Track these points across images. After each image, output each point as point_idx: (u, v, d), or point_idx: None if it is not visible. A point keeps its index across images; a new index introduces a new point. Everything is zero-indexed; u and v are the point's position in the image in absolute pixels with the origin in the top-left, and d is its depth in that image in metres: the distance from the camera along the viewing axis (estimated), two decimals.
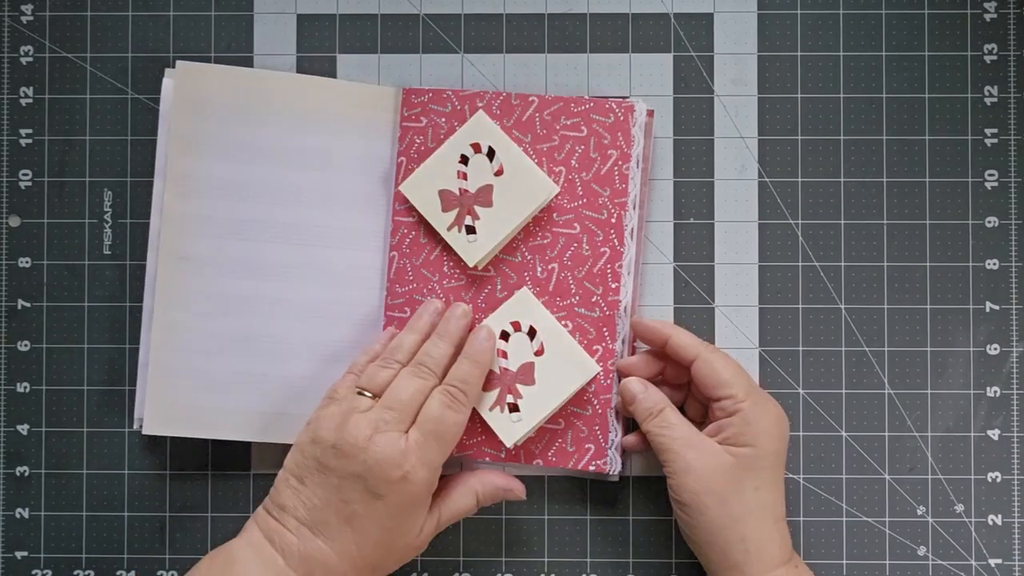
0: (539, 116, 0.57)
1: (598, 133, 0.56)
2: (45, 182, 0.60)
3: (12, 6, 0.60)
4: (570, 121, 0.57)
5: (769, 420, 0.53)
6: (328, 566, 0.50)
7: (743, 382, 0.53)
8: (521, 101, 0.57)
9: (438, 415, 0.51)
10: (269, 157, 0.58)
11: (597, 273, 0.56)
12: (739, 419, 0.53)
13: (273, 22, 0.60)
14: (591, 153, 0.57)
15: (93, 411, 0.59)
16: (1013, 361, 0.59)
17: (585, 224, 0.56)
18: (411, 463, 0.50)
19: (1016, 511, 0.58)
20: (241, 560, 0.50)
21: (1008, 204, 0.59)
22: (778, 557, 0.52)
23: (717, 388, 0.53)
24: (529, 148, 0.57)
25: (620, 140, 0.56)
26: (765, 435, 0.53)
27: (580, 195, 0.57)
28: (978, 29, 0.59)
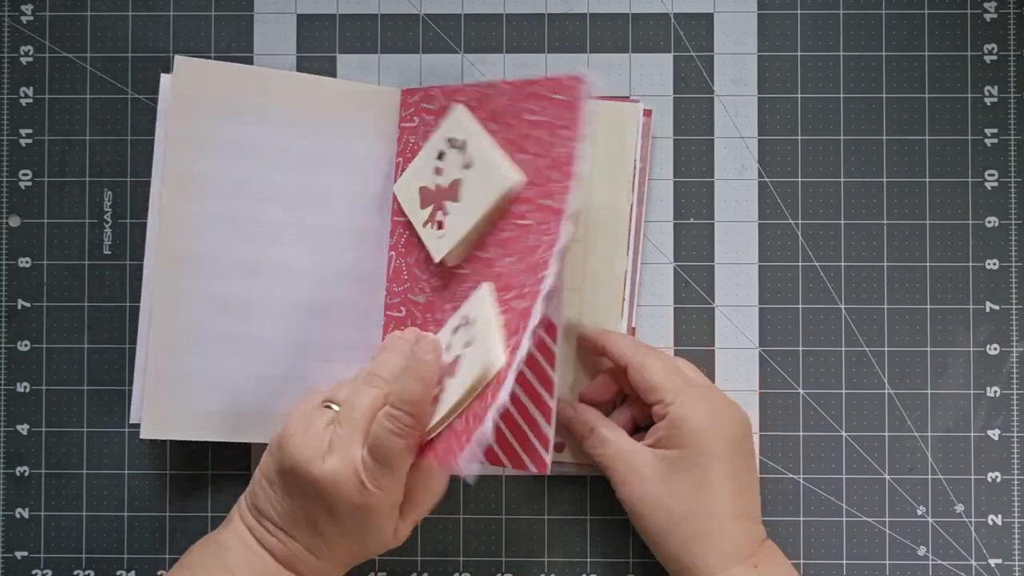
0: (508, 103, 0.54)
1: (553, 113, 0.52)
2: (45, 182, 0.60)
3: (12, 6, 0.60)
4: (531, 104, 0.53)
5: (698, 419, 0.52)
6: (309, 564, 0.50)
7: (672, 385, 0.53)
8: (494, 90, 0.54)
9: (384, 442, 0.48)
10: (268, 156, 0.57)
11: (535, 263, 0.50)
12: (666, 422, 0.52)
13: (273, 22, 0.60)
14: (548, 136, 0.52)
15: (93, 411, 0.59)
16: (1013, 361, 0.59)
17: (537, 214, 0.52)
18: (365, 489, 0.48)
19: (1016, 511, 0.58)
20: (232, 549, 0.50)
21: (1008, 204, 0.59)
22: (733, 555, 0.51)
23: (647, 394, 0.53)
24: (501, 138, 0.54)
25: (571, 118, 0.51)
26: (694, 435, 0.52)
27: (537, 183, 0.52)
28: (978, 29, 0.59)
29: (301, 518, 0.50)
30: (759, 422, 0.58)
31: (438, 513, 0.59)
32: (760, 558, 0.52)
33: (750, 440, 0.54)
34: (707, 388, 0.55)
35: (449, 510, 0.59)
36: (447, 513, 0.59)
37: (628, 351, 0.55)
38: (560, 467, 0.58)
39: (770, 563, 0.52)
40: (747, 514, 0.53)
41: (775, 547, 0.54)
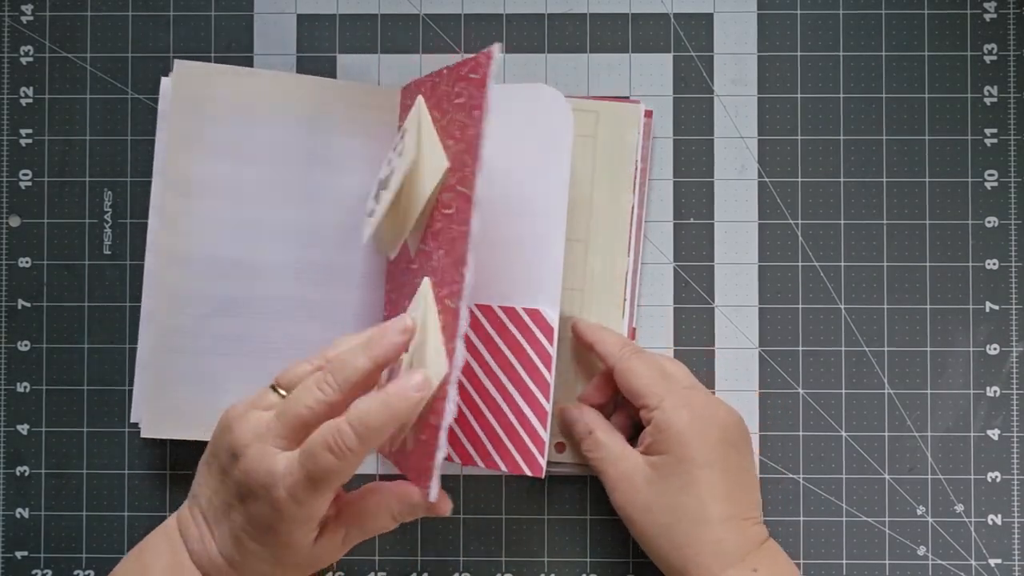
0: (445, 88, 0.52)
1: (471, 95, 0.48)
2: (45, 182, 0.60)
3: (12, 6, 0.60)
4: (457, 88, 0.50)
5: (682, 424, 0.51)
6: (215, 562, 0.47)
7: (656, 389, 0.53)
8: (439, 77, 0.53)
9: (313, 452, 0.43)
10: (268, 157, 0.57)
11: (458, 258, 0.47)
12: (652, 427, 0.52)
13: (273, 22, 0.60)
14: (466, 119, 0.48)
15: (93, 411, 0.59)
16: (1013, 361, 0.59)
17: (458, 202, 0.48)
18: (280, 492, 0.44)
19: (1016, 511, 0.58)
20: (151, 547, 0.48)
21: (1008, 204, 0.59)
22: (727, 558, 0.51)
23: (633, 398, 0.54)
24: (438, 126, 0.52)
25: (479, 97, 0.47)
26: (678, 440, 0.51)
27: (457, 169, 0.49)
28: (978, 29, 0.59)
29: (219, 504, 0.46)
30: (759, 422, 0.58)
31: None
32: (760, 560, 0.51)
33: (745, 440, 0.54)
34: (693, 392, 0.54)
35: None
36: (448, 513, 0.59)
37: (615, 353, 0.55)
38: (560, 467, 0.58)
39: (770, 565, 0.52)
40: (740, 515, 0.52)
41: (776, 548, 0.53)
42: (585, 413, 0.56)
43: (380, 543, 0.59)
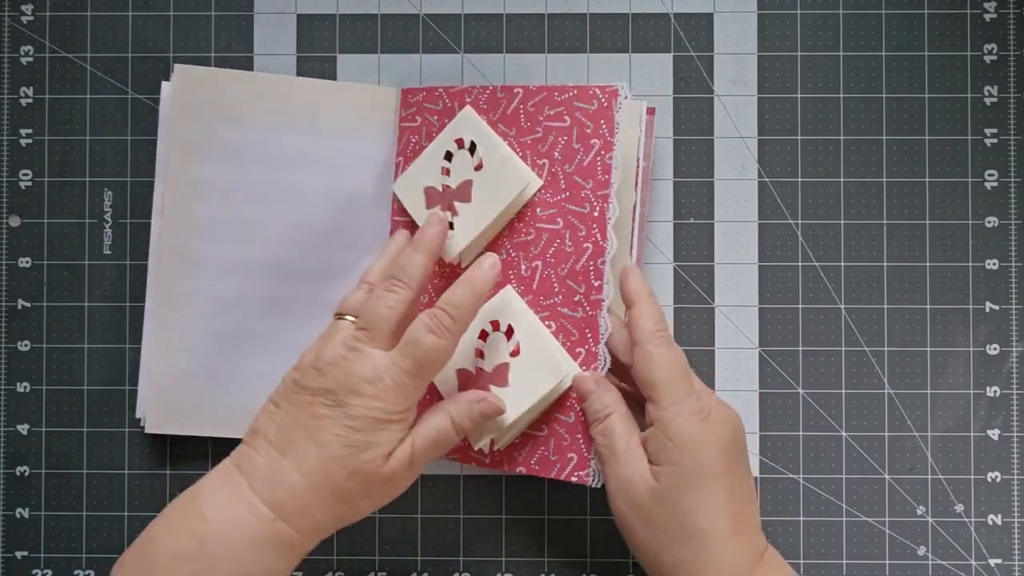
0: (523, 108, 0.55)
1: (581, 122, 0.53)
2: (45, 182, 0.60)
3: (12, 6, 0.60)
4: (553, 111, 0.54)
5: (695, 433, 0.48)
6: (290, 486, 0.47)
7: (674, 389, 0.49)
8: (507, 94, 0.55)
9: (416, 338, 0.48)
10: (269, 159, 0.58)
11: (580, 270, 0.53)
12: (658, 431, 0.49)
13: (273, 22, 0.60)
14: (574, 143, 0.53)
15: (93, 411, 0.59)
16: (1013, 361, 0.59)
17: (568, 219, 0.53)
18: (386, 382, 0.47)
19: (1016, 511, 0.58)
20: (206, 489, 0.48)
21: (1008, 204, 0.59)
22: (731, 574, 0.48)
23: (645, 387, 0.50)
24: (514, 142, 0.55)
25: (603, 128, 0.53)
26: (687, 450, 0.48)
27: (563, 188, 0.53)
28: (978, 29, 0.59)
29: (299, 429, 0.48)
30: (759, 422, 0.58)
31: (438, 513, 0.59)
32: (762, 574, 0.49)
33: (743, 442, 0.51)
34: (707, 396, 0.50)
35: (449, 510, 0.59)
36: (447, 513, 0.59)
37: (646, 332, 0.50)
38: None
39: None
40: (745, 528, 0.49)
41: (776, 557, 0.51)
42: (606, 390, 0.51)
43: (380, 543, 0.59)
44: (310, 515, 0.47)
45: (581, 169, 0.53)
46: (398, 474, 0.48)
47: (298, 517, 0.47)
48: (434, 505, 0.59)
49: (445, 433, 0.50)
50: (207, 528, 0.46)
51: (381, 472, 0.48)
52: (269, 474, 0.47)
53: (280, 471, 0.47)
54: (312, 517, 0.48)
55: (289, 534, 0.47)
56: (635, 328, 0.51)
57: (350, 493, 0.48)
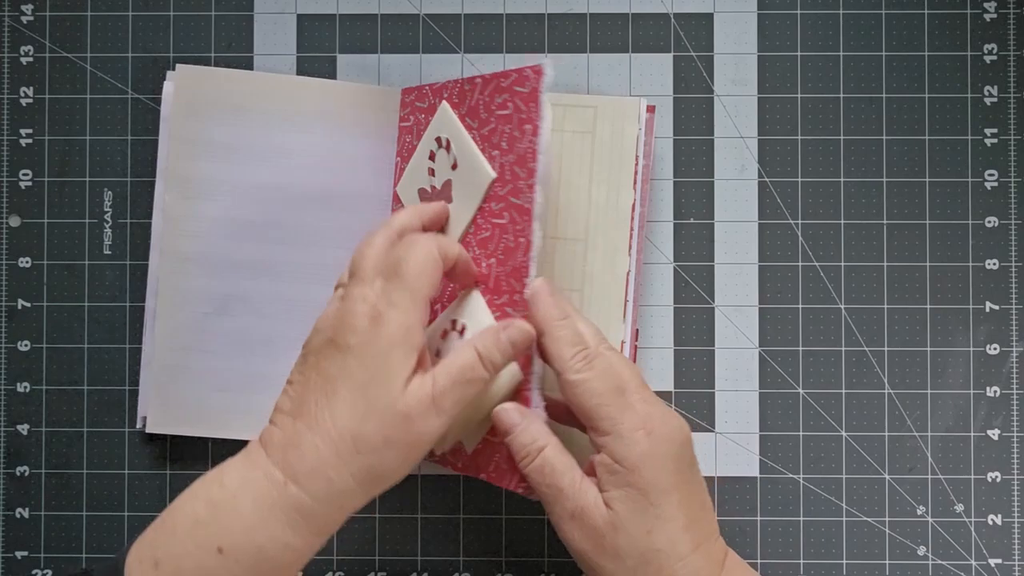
0: (482, 98, 0.52)
1: (519, 107, 0.50)
2: (45, 182, 0.60)
3: (12, 6, 0.60)
4: (501, 99, 0.51)
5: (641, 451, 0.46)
6: (302, 446, 0.44)
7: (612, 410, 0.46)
8: (471, 86, 0.53)
9: (400, 255, 0.46)
10: (269, 159, 0.58)
11: (518, 267, 0.49)
12: (603, 459, 0.46)
13: (273, 22, 0.60)
14: (515, 131, 0.50)
15: (93, 411, 0.59)
16: (1013, 361, 0.59)
17: (511, 212, 0.50)
18: (376, 308, 0.45)
19: (1016, 511, 0.58)
20: (230, 462, 0.46)
21: (1008, 204, 0.59)
22: None
23: (580, 415, 0.47)
24: (476, 135, 0.53)
25: (533, 111, 0.49)
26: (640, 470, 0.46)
27: (508, 180, 0.50)
28: (978, 29, 0.59)
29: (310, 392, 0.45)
30: (759, 422, 0.58)
31: (438, 513, 0.59)
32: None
33: (691, 449, 0.48)
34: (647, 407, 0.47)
35: (449, 510, 0.59)
36: (447, 513, 0.59)
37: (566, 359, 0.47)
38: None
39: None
40: (705, 536, 0.47)
41: (739, 561, 0.50)
42: (531, 420, 0.48)
43: (380, 543, 0.59)
44: (323, 475, 0.44)
45: (519, 158, 0.50)
46: (418, 412, 0.44)
47: (310, 479, 0.44)
48: (434, 505, 0.59)
49: (471, 368, 0.46)
50: (223, 493, 0.45)
51: (396, 408, 0.44)
52: (284, 440, 0.45)
53: (294, 434, 0.45)
54: (326, 478, 0.44)
55: (302, 500, 0.44)
56: (551, 360, 0.48)
57: (367, 442, 0.44)
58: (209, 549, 0.44)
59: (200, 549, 0.44)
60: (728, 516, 0.58)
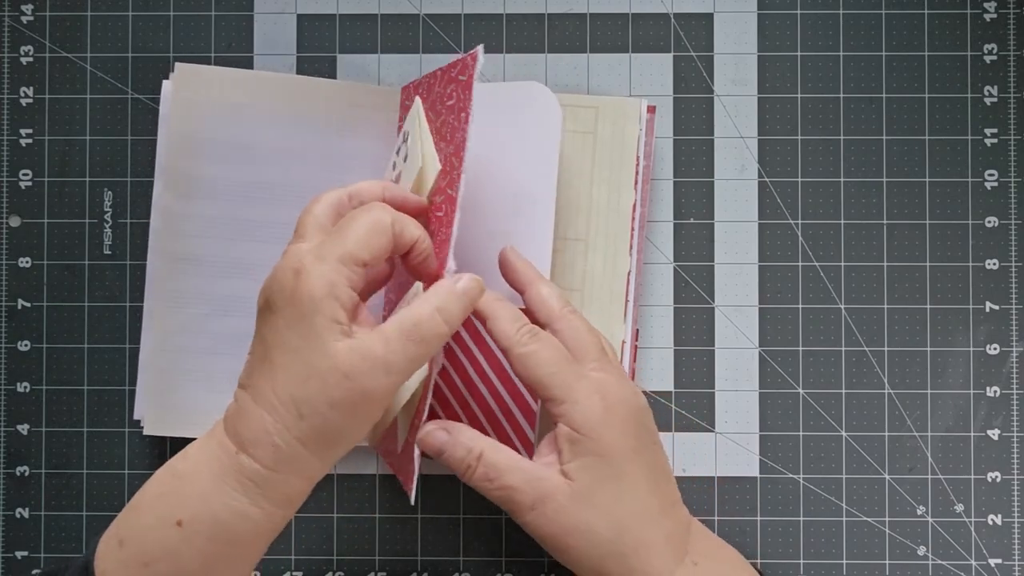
0: (439, 91, 0.52)
1: (459, 95, 0.49)
2: (45, 182, 0.60)
3: (12, 6, 0.60)
4: (448, 89, 0.50)
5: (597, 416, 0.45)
6: (248, 413, 0.43)
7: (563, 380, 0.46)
8: (433, 79, 0.53)
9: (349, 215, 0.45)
10: (269, 158, 0.58)
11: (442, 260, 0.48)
12: (563, 430, 0.46)
13: (273, 22, 0.60)
14: (455, 121, 0.49)
15: (93, 411, 0.59)
16: (1013, 361, 0.59)
17: (448, 204, 0.48)
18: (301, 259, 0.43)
19: (1016, 511, 0.58)
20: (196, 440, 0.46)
21: (1008, 204, 0.59)
22: (669, 559, 0.46)
23: (537, 389, 0.47)
24: (433, 128, 0.52)
25: (465, 98, 0.48)
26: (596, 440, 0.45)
27: (447, 171, 0.49)
28: (978, 29, 0.59)
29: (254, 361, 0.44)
30: (759, 422, 0.58)
31: (438, 513, 0.59)
32: (695, 550, 0.48)
33: (650, 418, 0.48)
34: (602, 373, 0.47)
35: (449, 510, 0.59)
36: (447, 513, 0.59)
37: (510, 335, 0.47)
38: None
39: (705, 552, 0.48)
40: (669, 501, 0.47)
41: (702, 529, 0.50)
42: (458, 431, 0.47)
43: (380, 543, 0.59)
44: (270, 443, 0.43)
45: (456, 148, 0.49)
46: (361, 371, 0.42)
47: (258, 448, 0.43)
48: (434, 505, 0.59)
49: (427, 320, 0.43)
50: (185, 465, 0.45)
51: (336, 367, 0.42)
52: (235, 410, 0.44)
53: (243, 404, 0.44)
54: (272, 445, 0.43)
55: (254, 468, 0.43)
56: (496, 338, 0.47)
57: (310, 406, 0.42)
58: (169, 522, 0.43)
59: (161, 522, 0.44)
60: (728, 516, 0.58)
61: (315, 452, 0.43)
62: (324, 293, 0.42)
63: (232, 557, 0.44)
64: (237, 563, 0.45)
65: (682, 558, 0.47)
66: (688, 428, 0.59)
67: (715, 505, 0.58)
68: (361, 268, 0.44)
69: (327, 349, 0.42)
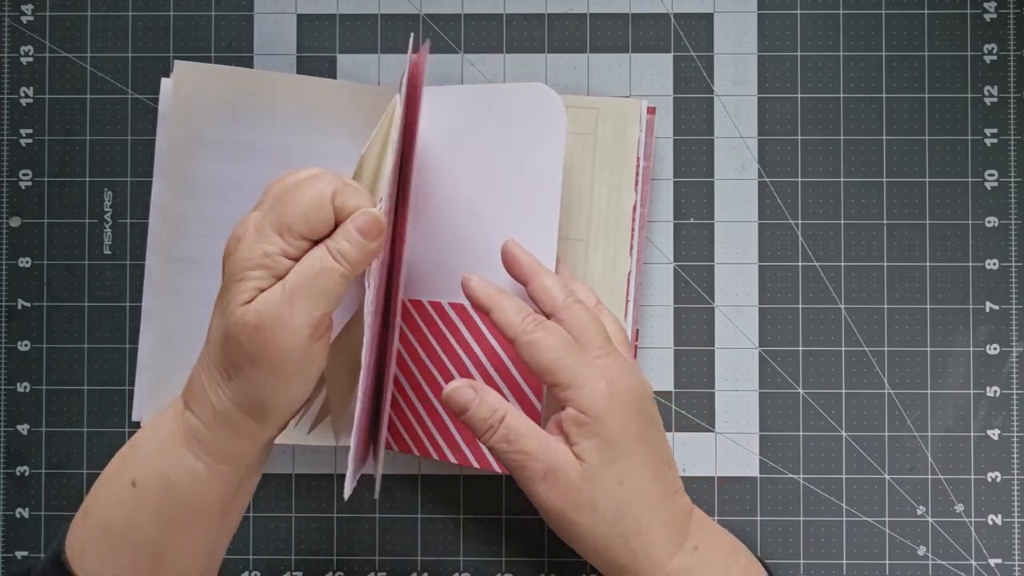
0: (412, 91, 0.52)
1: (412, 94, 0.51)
2: (45, 182, 0.60)
3: (12, 6, 0.60)
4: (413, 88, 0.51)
5: (604, 401, 0.46)
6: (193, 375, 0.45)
7: (569, 364, 0.46)
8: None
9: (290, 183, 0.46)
10: (268, 157, 0.57)
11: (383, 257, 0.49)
12: (572, 411, 0.46)
13: (273, 22, 0.60)
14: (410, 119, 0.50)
15: (93, 411, 0.59)
16: (1013, 361, 0.59)
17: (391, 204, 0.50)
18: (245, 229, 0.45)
19: (1016, 511, 0.58)
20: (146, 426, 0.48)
21: (1008, 204, 0.59)
22: (669, 544, 0.47)
23: (543, 375, 0.47)
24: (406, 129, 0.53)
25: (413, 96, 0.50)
26: (605, 419, 0.46)
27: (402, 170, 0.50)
28: (978, 29, 0.59)
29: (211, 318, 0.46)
30: (759, 422, 0.58)
31: (438, 513, 0.59)
32: (696, 535, 0.48)
33: (653, 404, 0.49)
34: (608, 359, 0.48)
35: (449, 510, 0.59)
36: (447, 513, 0.59)
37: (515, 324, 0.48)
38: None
39: (705, 539, 0.49)
40: (671, 489, 0.48)
41: (703, 516, 0.50)
42: (486, 392, 0.47)
43: (380, 543, 0.59)
44: (207, 401, 0.44)
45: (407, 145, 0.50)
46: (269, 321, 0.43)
47: (198, 405, 0.45)
48: (434, 505, 0.59)
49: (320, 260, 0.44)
50: (144, 431, 0.47)
51: (246, 321, 0.43)
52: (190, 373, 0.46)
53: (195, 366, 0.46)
54: (208, 403, 0.44)
55: (196, 424, 0.45)
56: (502, 328, 0.48)
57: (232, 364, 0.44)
58: (125, 484, 0.45)
59: (119, 487, 0.46)
60: (728, 516, 0.58)
61: (248, 413, 0.45)
62: (255, 264, 0.44)
63: (187, 522, 0.45)
64: (193, 530, 0.46)
65: (682, 543, 0.47)
66: (688, 428, 0.59)
67: (715, 505, 0.58)
68: (298, 240, 0.44)
69: (238, 308, 0.43)
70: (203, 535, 0.46)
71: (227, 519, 0.47)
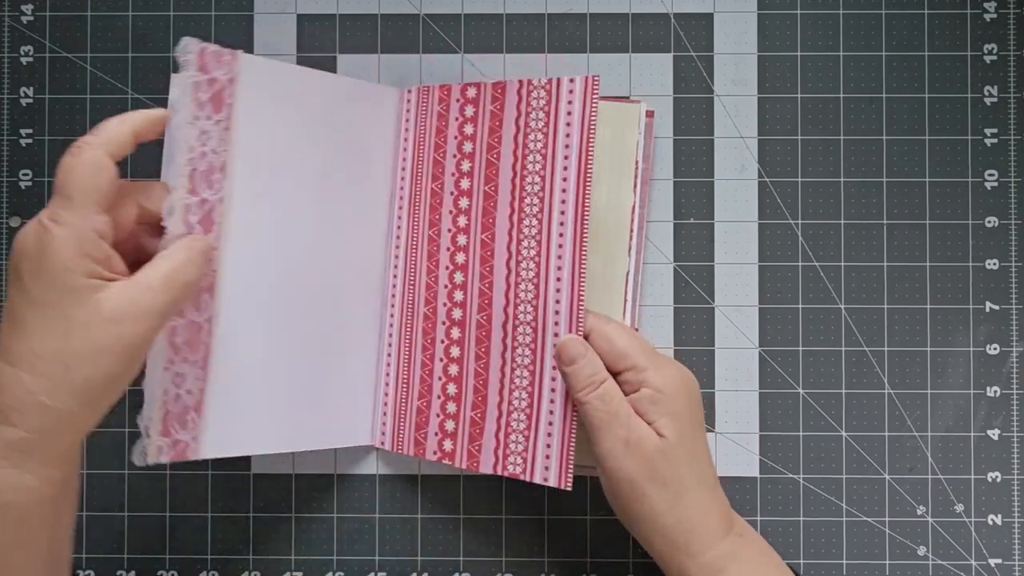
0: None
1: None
2: (45, 182, 0.60)
3: (12, 6, 0.60)
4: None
5: (676, 385, 0.50)
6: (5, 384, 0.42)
7: (643, 350, 0.50)
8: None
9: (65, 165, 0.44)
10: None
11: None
12: (648, 392, 0.49)
13: (273, 22, 0.60)
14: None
15: None
16: (1013, 361, 0.59)
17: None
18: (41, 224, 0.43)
19: (1016, 511, 0.58)
20: None
21: (1008, 204, 0.59)
22: (719, 529, 0.50)
23: (618, 361, 0.50)
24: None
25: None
26: (676, 402, 0.49)
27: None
28: (978, 29, 0.59)
29: (4, 322, 0.44)
30: (759, 422, 0.58)
31: (438, 513, 0.59)
32: (738, 524, 0.51)
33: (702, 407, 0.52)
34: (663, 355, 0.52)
35: (449, 510, 0.59)
36: (447, 513, 0.59)
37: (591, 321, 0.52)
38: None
39: (745, 528, 0.52)
40: (717, 484, 0.51)
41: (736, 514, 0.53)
42: (595, 355, 0.51)
43: (380, 543, 0.59)
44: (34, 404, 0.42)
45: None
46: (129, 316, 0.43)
47: (21, 413, 0.42)
48: (434, 505, 0.59)
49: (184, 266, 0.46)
50: None
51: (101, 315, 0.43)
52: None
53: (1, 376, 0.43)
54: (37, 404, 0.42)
55: (17, 436, 0.42)
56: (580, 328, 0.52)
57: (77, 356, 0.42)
58: None
59: None
60: None
61: (86, 402, 0.43)
62: (74, 252, 0.43)
63: (24, 538, 0.43)
64: (31, 543, 0.44)
65: (730, 529, 0.51)
66: None
67: None
68: (99, 209, 0.44)
69: (88, 300, 0.43)
70: (42, 545, 0.45)
71: (60, 522, 0.45)
